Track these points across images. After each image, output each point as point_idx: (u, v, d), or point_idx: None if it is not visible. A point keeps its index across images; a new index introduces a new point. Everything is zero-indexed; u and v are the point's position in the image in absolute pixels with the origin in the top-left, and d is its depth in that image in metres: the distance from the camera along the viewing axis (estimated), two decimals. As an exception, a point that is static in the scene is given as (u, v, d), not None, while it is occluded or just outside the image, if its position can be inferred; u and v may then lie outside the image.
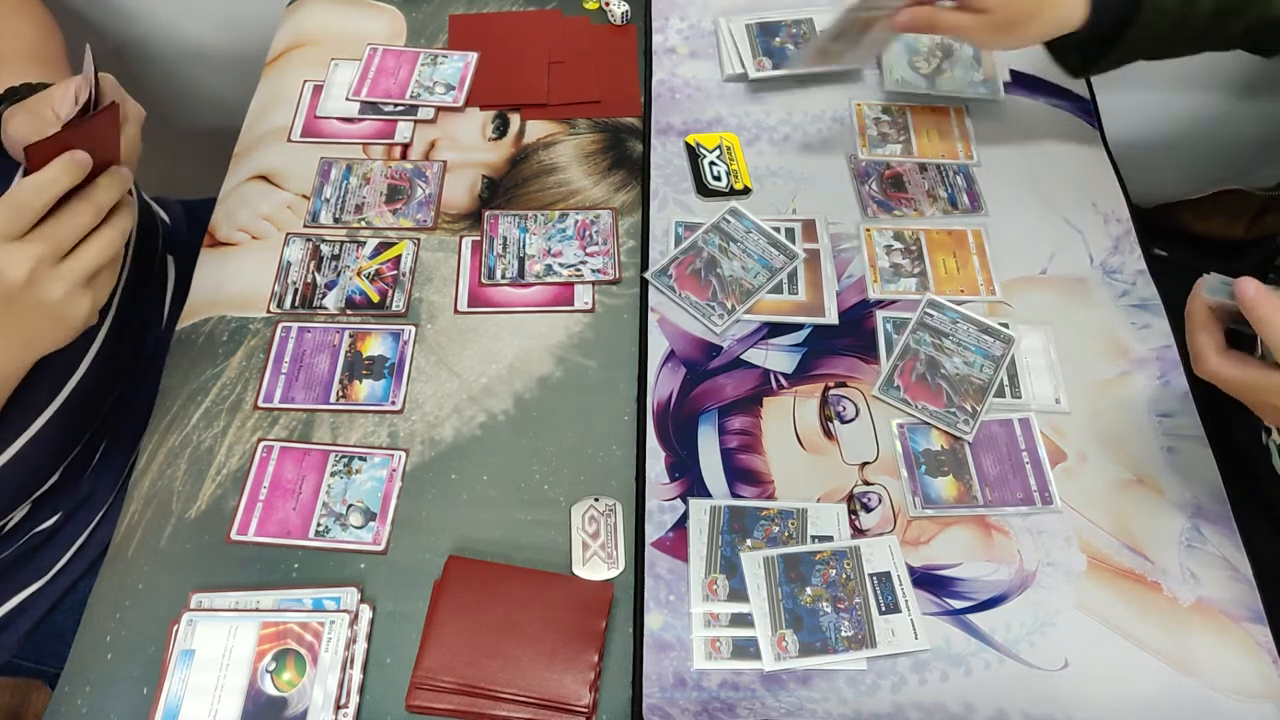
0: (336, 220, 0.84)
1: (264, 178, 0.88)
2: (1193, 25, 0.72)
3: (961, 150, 0.89)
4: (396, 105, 0.91)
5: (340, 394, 0.74)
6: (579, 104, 0.92)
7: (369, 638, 0.64)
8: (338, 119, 0.91)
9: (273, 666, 0.62)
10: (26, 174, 0.55)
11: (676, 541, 0.68)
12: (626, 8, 0.98)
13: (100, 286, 0.59)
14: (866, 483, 0.71)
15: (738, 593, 0.66)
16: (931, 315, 0.78)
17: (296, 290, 0.80)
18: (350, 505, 0.69)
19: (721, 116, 0.91)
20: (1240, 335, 0.59)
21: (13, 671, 0.81)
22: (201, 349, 0.77)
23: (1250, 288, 0.55)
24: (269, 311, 0.79)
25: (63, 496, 0.77)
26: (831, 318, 0.78)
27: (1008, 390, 0.75)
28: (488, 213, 0.85)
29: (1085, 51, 0.78)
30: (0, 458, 0.68)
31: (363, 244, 0.83)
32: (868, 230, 0.83)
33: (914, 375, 0.75)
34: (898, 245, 0.83)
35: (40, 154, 0.55)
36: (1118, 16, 0.72)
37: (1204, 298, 0.59)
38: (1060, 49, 0.80)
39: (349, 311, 0.79)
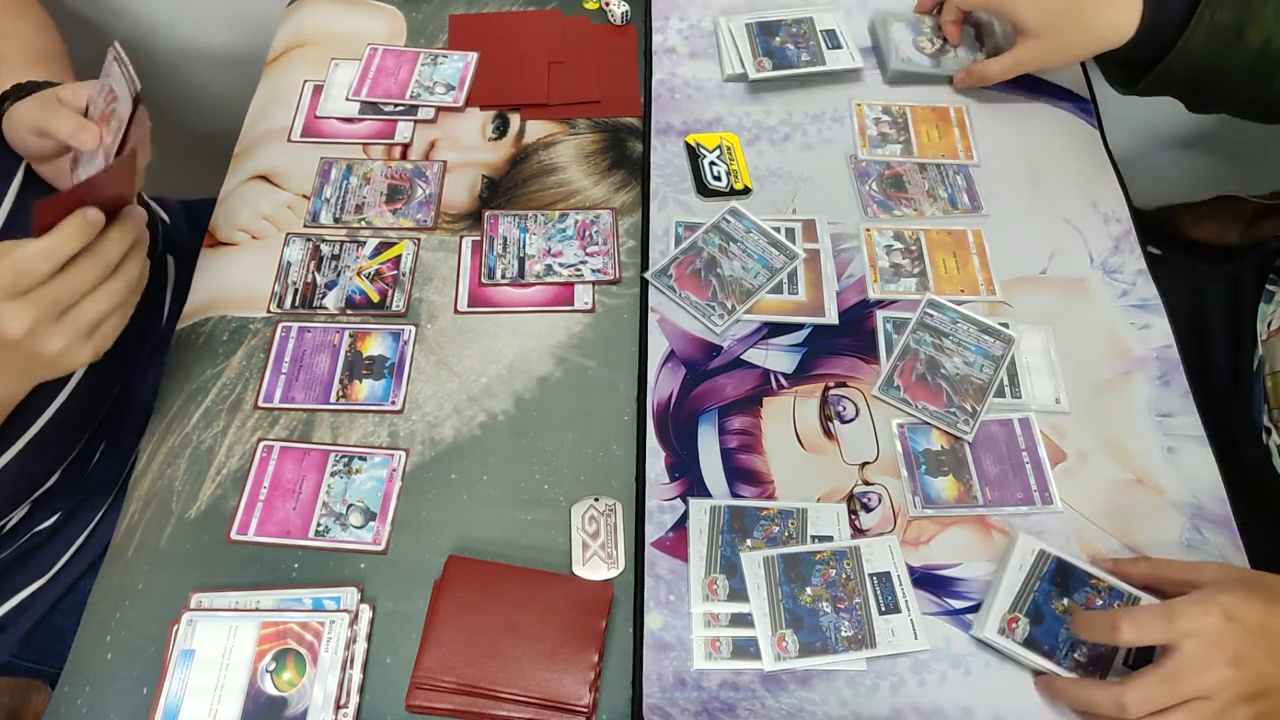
0: (336, 220, 0.84)
1: (264, 178, 0.88)
2: (1242, 56, 0.72)
3: (961, 150, 0.89)
4: (396, 105, 0.91)
5: (340, 394, 0.74)
6: (579, 104, 0.92)
7: (369, 638, 0.64)
8: (338, 119, 0.91)
9: (273, 666, 0.62)
10: (35, 228, 0.54)
11: (676, 541, 0.68)
12: (626, 8, 0.98)
13: (104, 334, 0.58)
14: (866, 483, 0.71)
15: (738, 593, 0.66)
16: (931, 315, 0.78)
17: (296, 290, 0.80)
18: (350, 505, 0.69)
19: (721, 116, 0.91)
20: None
21: (13, 671, 0.81)
22: (201, 349, 0.77)
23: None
24: (269, 311, 0.79)
25: (63, 496, 0.77)
26: (831, 318, 0.78)
27: (1008, 390, 0.75)
28: (488, 213, 0.85)
29: (1133, 64, 0.80)
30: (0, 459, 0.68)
31: (363, 244, 0.83)
32: (868, 230, 0.83)
33: (914, 375, 0.75)
34: (898, 245, 0.83)
35: (55, 208, 0.54)
36: (1171, 29, 0.74)
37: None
38: (1108, 61, 0.82)
39: (349, 311, 0.79)
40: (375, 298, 0.80)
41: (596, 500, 0.70)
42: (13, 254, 0.53)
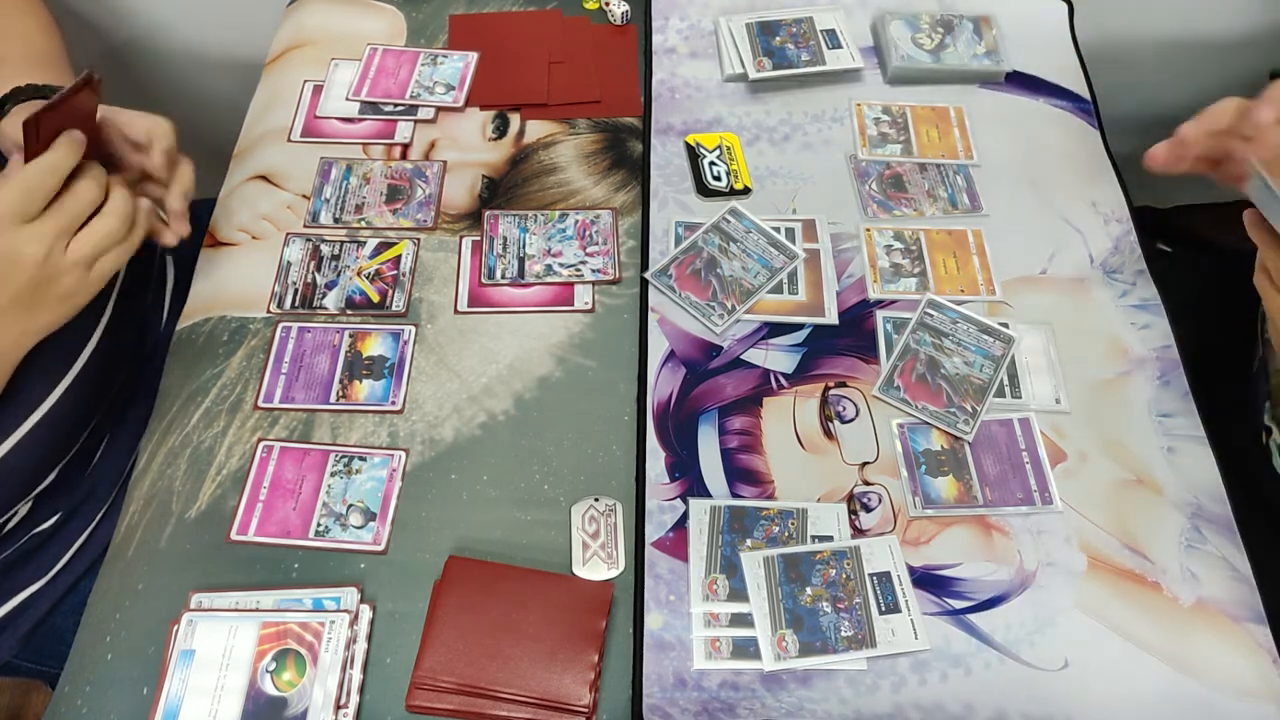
0: (336, 220, 0.84)
1: (264, 178, 0.88)
2: None
3: (961, 150, 0.89)
4: (396, 105, 0.91)
5: (340, 394, 0.74)
6: (579, 104, 0.92)
7: (369, 638, 0.64)
8: (338, 119, 0.91)
9: (273, 666, 0.62)
10: (28, 153, 0.56)
11: (676, 541, 0.68)
12: (626, 8, 0.98)
13: (103, 267, 0.61)
14: (866, 483, 0.71)
15: (738, 593, 0.66)
16: (931, 315, 0.78)
17: (296, 290, 0.80)
18: (350, 505, 0.69)
19: (721, 116, 0.91)
20: None
21: (13, 671, 0.81)
22: (201, 349, 0.77)
23: None
24: (269, 311, 0.79)
25: (62, 496, 0.77)
26: (831, 318, 0.78)
27: (1008, 390, 0.75)
28: (488, 213, 0.85)
29: None
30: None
31: (363, 244, 0.83)
32: (868, 230, 0.83)
33: (914, 375, 0.75)
34: (898, 245, 0.83)
35: (41, 131, 0.56)
36: None
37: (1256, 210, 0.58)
38: None
39: (349, 311, 0.79)
40: (375, 298, 0.80)
41: (596, 500, 0.70)
42: (15, 176, 0.55)
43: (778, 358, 0.77)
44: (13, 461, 0.69)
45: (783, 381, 0.75)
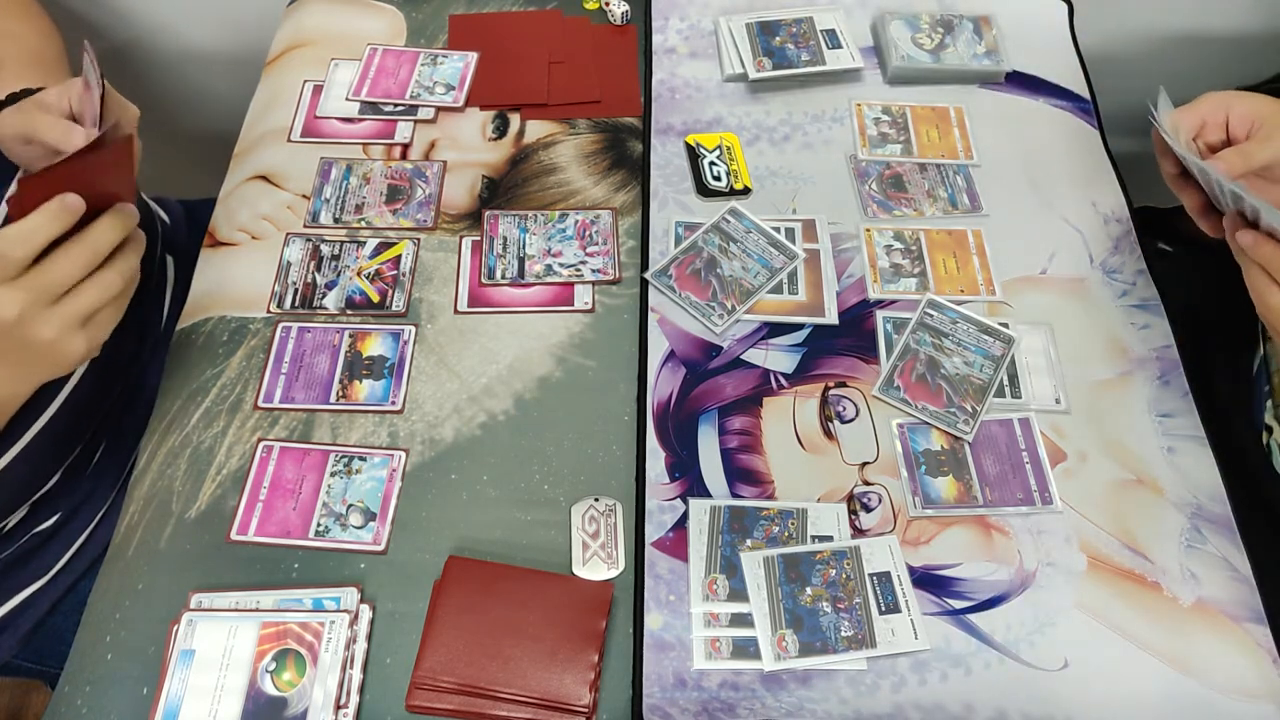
0: (336, 220, 0.84)
1: (264, 178, 0.88)
2: None
3: (961, 150, 0.89)
4: (396, 105, 0.91)
5: (340, 394, 0.74)
6: (579, 104, 0.92)
7: (369, 638, 0.64)
8: (338, 119, 0.91)
9: (273, 666, 0.62)
10: (17, 209, 0.53)
11: (676, 541, 0.68)
12: (626, 8, 0.98)
13: (99, 324, 0.58)
14: (866, 483, 0.71)
15: (738, 593, 0.66)
16: (931, 315, 0.78)
17: (296, 290, 0.80)
18: (350, 505, 0.69)
19: (721, 116, 0.91)
20: None
21: (13, 671, 0.81)
22: (201, 349, 0.77)
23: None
24: (269, 311, 0.79)
25: (63, 497, 0.77)
26: (831, 318, 0.78)
27: (1008, 390, 0.75)
28: (488, 213, 0.85)
29: None
30: (1, 460, 0.68)
31: (363, 244, 0.83)
32: (868, 230, 0.83)
33: (914, 375, 0.75)
34: (898, 245, 0.83)
35: (35, 191, 0.53)
36: None
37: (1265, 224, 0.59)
38: None
39: (349, 311, 0.79)
40: (375, 298, 0.80)
41: (596, 500, 0.70)
42: None
43: (778, 358, 0.77)
44: (17, 467, 0.69)
45: (783, 381, 0.75)
